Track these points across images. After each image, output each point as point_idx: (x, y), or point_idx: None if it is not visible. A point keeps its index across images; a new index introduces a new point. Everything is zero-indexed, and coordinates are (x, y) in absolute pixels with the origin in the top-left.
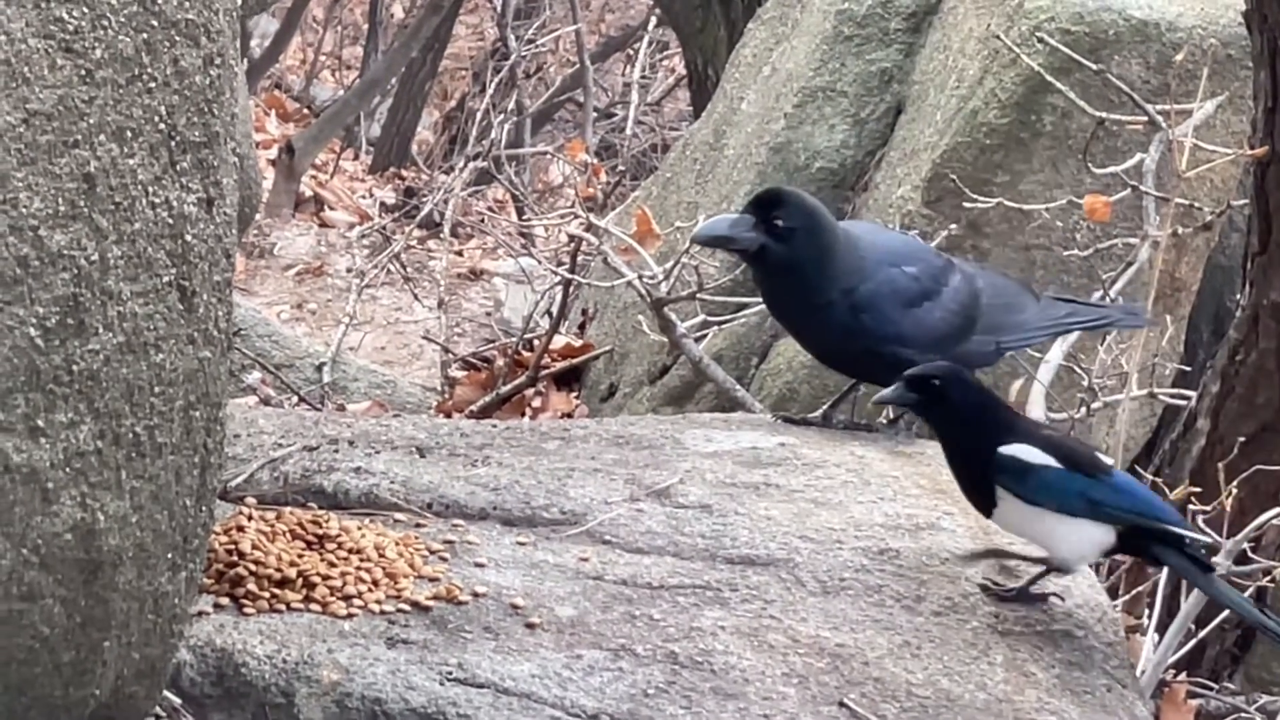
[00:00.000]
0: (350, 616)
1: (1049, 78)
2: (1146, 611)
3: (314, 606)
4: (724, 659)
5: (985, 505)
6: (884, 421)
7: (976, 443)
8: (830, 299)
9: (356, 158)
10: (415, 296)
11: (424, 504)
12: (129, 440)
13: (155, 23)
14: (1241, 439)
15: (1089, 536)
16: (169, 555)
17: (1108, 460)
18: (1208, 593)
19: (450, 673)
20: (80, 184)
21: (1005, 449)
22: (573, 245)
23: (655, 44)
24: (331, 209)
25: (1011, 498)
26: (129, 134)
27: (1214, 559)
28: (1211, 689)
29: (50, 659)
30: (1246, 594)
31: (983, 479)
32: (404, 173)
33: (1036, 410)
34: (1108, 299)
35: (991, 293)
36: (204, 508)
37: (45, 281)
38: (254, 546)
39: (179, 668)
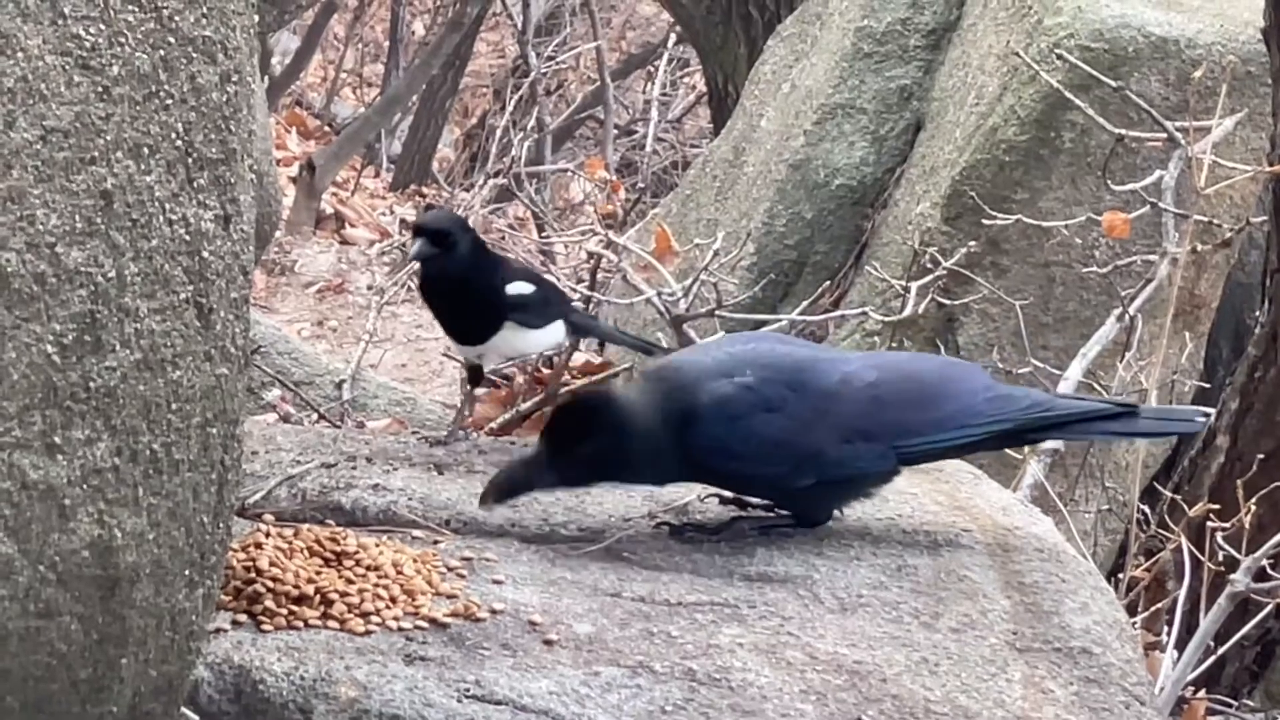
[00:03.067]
0: (368, 633)
1: (1068, 95)
2: (1165, 628)
3: (332, 623)
4: (742, 676)
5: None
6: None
7: (490, 280)
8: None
9: (377, 175)
10: None
11: (442, 521)
12: (146, 457)
13: (172, 39)
14: (1261, 456)
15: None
16: (186, 572)
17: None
18: None
19: (468, 690)
20: (97, 201)
21: (511, 287)
22: (592, 262)
23: (675, 61)
24: (352, 226)
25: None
26: (146, 151)
27: (1233, 576)
28: (1231, 706)
29: (68, 676)
30: (1265, 611)
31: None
32: (425, 190)
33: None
34: (1126, 317)
35: (897, 390)
36: (221, 524)
37: (62, 298)
38: (272, 563)
39: (197, 684)
